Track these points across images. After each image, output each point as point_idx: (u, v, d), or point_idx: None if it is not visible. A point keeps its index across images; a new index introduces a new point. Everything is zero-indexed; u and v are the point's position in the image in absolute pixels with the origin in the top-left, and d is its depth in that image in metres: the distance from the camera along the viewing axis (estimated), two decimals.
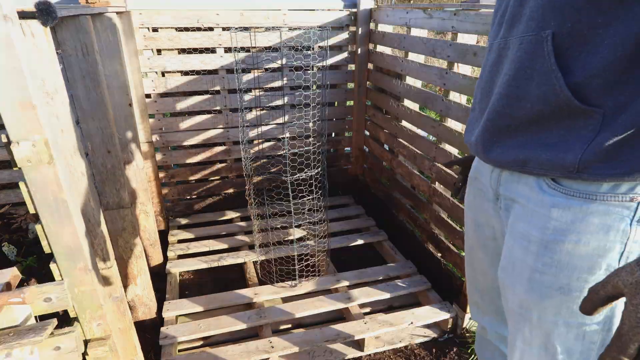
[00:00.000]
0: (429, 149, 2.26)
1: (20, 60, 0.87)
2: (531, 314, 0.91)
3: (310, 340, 1.89)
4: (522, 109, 0.83)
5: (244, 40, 2.60)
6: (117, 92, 1.89)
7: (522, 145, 0.86)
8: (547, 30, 0.76)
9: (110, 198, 1.74)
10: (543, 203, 0.85)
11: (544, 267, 0.86)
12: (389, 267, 2.39)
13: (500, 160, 0.91)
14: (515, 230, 0.93)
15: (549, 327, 0.89)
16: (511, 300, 0.95)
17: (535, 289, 0.88)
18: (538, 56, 0.78)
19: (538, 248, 0.86)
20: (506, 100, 0.86)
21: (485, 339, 1.33)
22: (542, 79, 0.78)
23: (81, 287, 1.15)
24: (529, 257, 0.88)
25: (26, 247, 2.58)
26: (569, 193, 0.80)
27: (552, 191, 0.83)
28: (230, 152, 2.89)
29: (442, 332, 2.04)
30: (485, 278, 1.19)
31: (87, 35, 1.38)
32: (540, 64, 0.78)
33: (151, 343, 1.98)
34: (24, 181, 1.00)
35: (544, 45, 0.77)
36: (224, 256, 2.50)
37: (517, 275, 0.92)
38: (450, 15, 1.92)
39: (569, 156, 0.77)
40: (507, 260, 0.96)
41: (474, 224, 1.14)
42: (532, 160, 0.84)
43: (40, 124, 0.94)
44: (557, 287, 0.85)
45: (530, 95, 0.81)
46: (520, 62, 0.82)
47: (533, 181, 0.87)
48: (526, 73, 0.81)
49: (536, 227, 0.86)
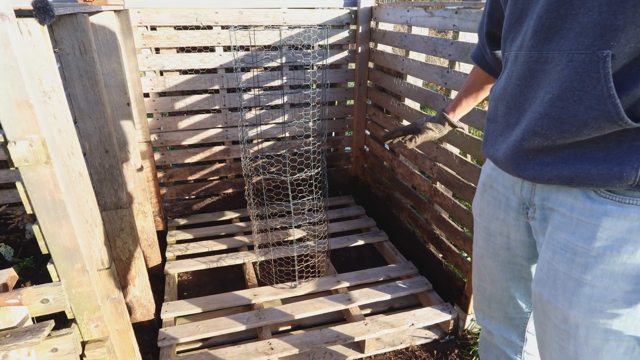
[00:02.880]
0: (430, 148, 2.24)
1: (17, 59, 0.86)
2: (578, 331, 0.86)
3: (310, 342, 1.87)
4: (566, 132, 0.78)
5: (243, 39, 2.59)
6: (115, 91, 1.88)
7: (564, 160, 0.81)
8: (605, 50, 0.71)
9: (108, 198, 1.73)
10: (592, 212, 0.80)
11: (594, 280, 0.81)
12: (390, 267, 2.37)
13: (538, 177, 0.86)
14: (555, 241, 0.88)
15: (597, 344, 0.84)
16: (554, 316, 0.90)
17: (583, 304, 0.83)
18: (591, 78, 0.73)
19: (587, 260, 0.82)
20: (547, 120, 0.80)
21: (491, 344, 1.31)
22: (593, 102, 0.73)
23: (79, 288, 1.15)
24: (575, 270, 0.84)
25: (23, 247, 2.56)
26: (624, 201, 0.76)
27: (602, 199, 0.79)
28: (230, 152, 2.87)
29: (444, 333, 2.03)
30: (494, 286, 1.17)
31: (84, 34, 1.37)
32: (592, 87, 0.73)
33: (149, 345, 1.97)
34: (21, 181, 1.00)
35: (599, 67, 0.71)
36: (223, 257, 2.48)
37: (560, 289, 0.87)
38: (452, 13, 1.91)
39: (627, 169, 0.73)
40: (544, 273, 0.91)
41: (485, 232, 1.12)
42: (580, 176, 0.79)
43: (37, 123, 0.93)
44: (609, 300, 0.80)
45: (577, 119, 0.76)
46: (569, 81, 0.76)
47: (579, 191, 0.82)
48: (574, 94, 0.75)
49: (582, 238, 0.82)
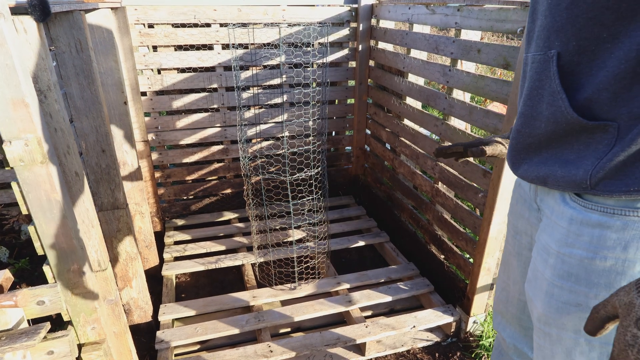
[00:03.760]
0: (431, 148, 2.22)
1: (12, 57, 0.87)
2: (550, 329, 0.89)
3: (310, 345, 1.86)
4: (537, 128, 0.84)
5: (242, 37, 2.57)
6: (112, 90, 1.86)
7: (544, 161, 0.86)
8: (552, 50, 0.77)
9: (105, 198, 1.71)
10: (564, 215, 0.84)
11: (561, 281, 0.84)
12: (391, 269, 2.35)
13: (525, 176, 0.92)
14: (539, 242, 0.92)
15: (569, 344, 0.86)
16: (534, 314, 0.94)
17: (552, 304, 0.86)
18: (545, 76, 0.79)
19: (555, 261, 0.85)
20: (524, 119, 0.87)
21: (504, 352, 1.30)
22: (549, 99, 0.79)
23: (75, 290, 1.15)
24: (548, 270, 0.87)
25: (19, 248, 2.54)
26: (587, 206, 0.78)
27: (573, 204, 0.82)
28: (228, 152, 2.85)
29: (445, 336, 2.01)
30: (515, 287, 1.18)
31: (81, 32, 1.35)
32: (548, 85, 0.79)
33: (147, 347, 1.95)
34: (16, 181, 1.00)
35: (550, 66, 0.77)
36: (221, 258, 2.46)
37: (538, 288, 0.90)
38: (454, 10, 1.89)
39: (580, 172, 0.76)
40: (532, 272, 0.95)
41: (514, 230, 1.13)
42: (551, 177, 0.83)
43: (33, 122, 0.94)
44: (574, 304, 0.83)
45: (542, 116, 0.82)
46: (533, 81, 0.83)
47: (558, 193, 0.86)
48: (538, 93, 0.82)
49: (555, 240, 0.85)
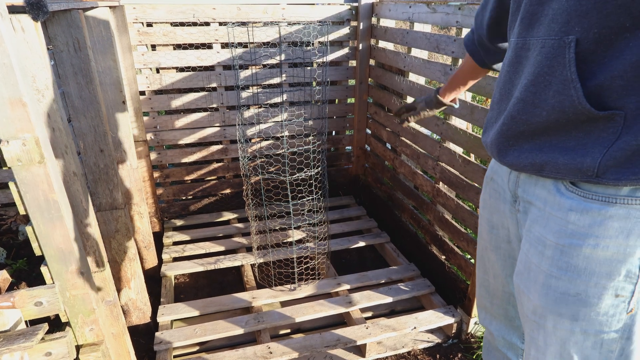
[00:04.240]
0: (432, 147, 2.21)
1: (10, 56, 0.86)
2: (546, 321, 0.89)
3: (310, 346, 1.84)
4: (537, 116, 0.82)
5: (241, 36, 2.55)
6: (110, 89, 1.85)
7: (539, 148, 0.84)
8: (570, 35, 0.74)
9: (103, 199, 1.70)
10: (560, 206, 0.83)
11: (560, 272, 0.84)
12: (391, 270, 2.34)
13: (515, 164, 0.90)
14: (531, 234, 0.91)
15: (564, 335, 0.87)
16: (526, 307, 0.94)
17: (550, 295, 0.86)
18: (558, 63, 0.76)
19: (553, 252, 0.85)
20: (522, 105, 0.84)
21: (493, 346, 1.31)
22: (559, 87, 0.77)
23: (73, 290, 1.14)
24: (544, 262, 0.87)
25: (16, 249, 2.52)
26: (587, 196, 0.79)
27: (570, 194, 0.81)
28: (227, 151, 2.83)
29: (446, 337, 2.00)
30: (496, 281, 1.18)
31: (79, 30, 1.35)
32: (559, 72, 0.76)
33: (145, 348, 1.94)
34: (14, 181, 1.00)
35: (565, 52, 0.75)
36: (220, 259, 2.44)
37: (532, 280, 0.90)
38: (455, 9, 1.88)
39: (587, 160, 0.76)
40: (523, 264, 0.94)
41: (488, 224, 1.13)
42: (549, 164, 0.82)
43: (30, 122, 0.93)
44: (573, 294, 0.83)
45: (546, 104, 0.80)
46: (540, 67, 0.80)
47: (551, 184, 0.86)
48: (545, 79, 0.79)
49: (552, 231, 0.85)
